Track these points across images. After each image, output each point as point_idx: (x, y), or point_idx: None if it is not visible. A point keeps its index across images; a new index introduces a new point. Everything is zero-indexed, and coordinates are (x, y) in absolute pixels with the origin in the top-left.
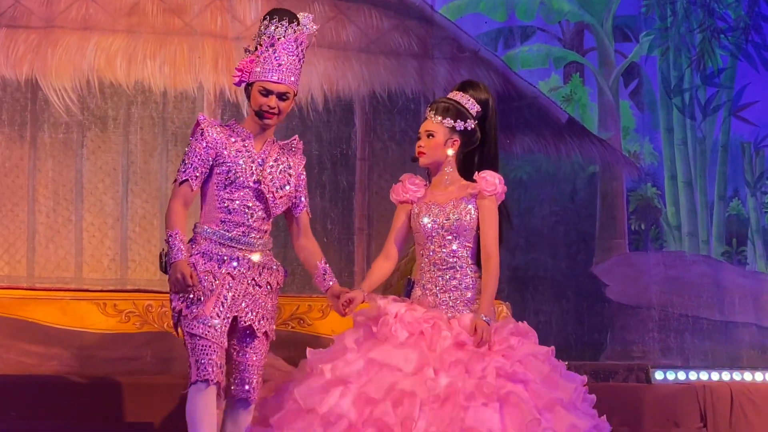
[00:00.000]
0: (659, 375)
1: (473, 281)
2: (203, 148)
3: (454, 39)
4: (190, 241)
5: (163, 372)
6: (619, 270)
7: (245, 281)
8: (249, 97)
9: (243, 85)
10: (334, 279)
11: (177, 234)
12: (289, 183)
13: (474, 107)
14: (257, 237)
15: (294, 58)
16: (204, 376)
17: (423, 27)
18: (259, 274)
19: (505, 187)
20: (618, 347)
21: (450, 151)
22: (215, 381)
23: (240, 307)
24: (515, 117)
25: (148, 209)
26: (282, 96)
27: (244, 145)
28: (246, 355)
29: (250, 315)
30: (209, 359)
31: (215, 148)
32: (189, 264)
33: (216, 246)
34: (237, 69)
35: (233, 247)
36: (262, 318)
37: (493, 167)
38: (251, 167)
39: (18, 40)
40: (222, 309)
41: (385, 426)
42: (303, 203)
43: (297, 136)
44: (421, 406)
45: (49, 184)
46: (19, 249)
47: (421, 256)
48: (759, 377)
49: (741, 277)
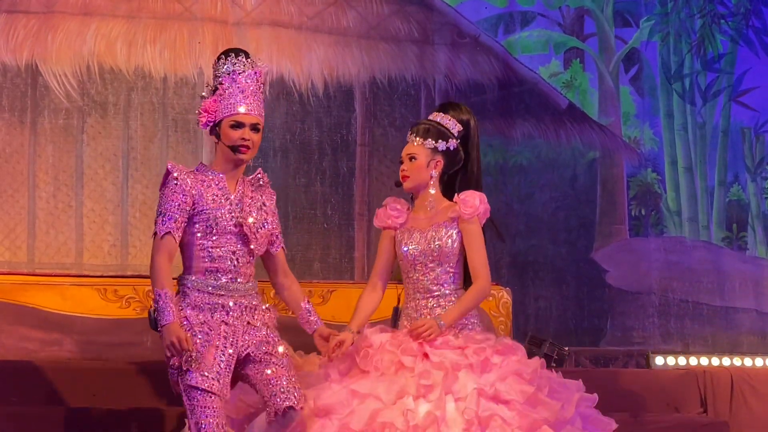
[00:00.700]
0: (659, 360)
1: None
2: (180, 197)
3: (454, 25)
4: (177, 294)
5: (164, 357)
6: (620, 255)
7: (241, 325)
8: (218, 137)
9: (209, 127)
10: (320, 319)
11: (165, 293)
12: (267, 221)
13: (455, 126)
14: (244, 281)
15: (257, 90)
16: None
17: (423, 13)
18: (253, 316)
19: (488, 206)
20: (618, 333)
21: (434, 173)
22: None
23: (245, 343)
24: (515, 103)
25: (148, 195)
26: (254, 127)
27: (219, 188)
28: (272, 370)
29: (261, 346)
30: (211, 421)
31: (192, 196)
32: (181, 325)
33: (206, 296)
34: (202, 110)
35: (222, 295)
36: (273, 341)
37: (477, 188)
38: (230, 211)
39: (18, 25)
40: (223, 356)
41: None
42: (279, 240)
43: (260, 169)
44: None
45: (50, 169)
46: (20, 234)
47: (406, 284)
48: (759, 362)
49: (741, 263)
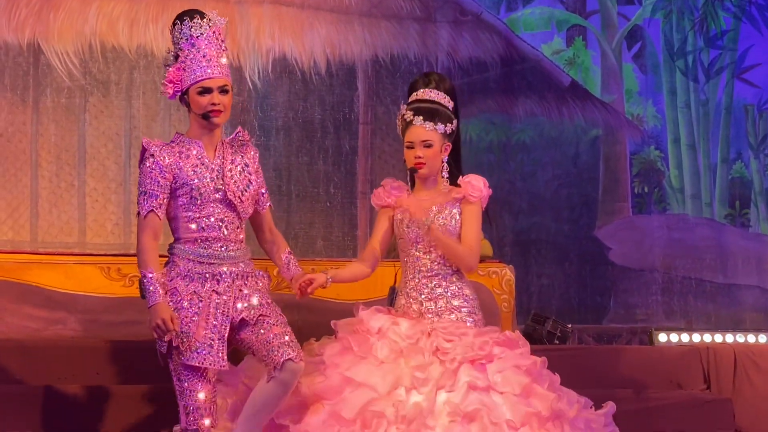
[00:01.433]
0: (662, 337)
1: (459, 288)
2: (159, 174)
3: (456, 2)
4: (167, 263)
5: None
6: (622, 233)
7: (232, 294)
8: (189, 106)
9: (177, 97)
10: (298, 268)
11: (152, 274)
12: (251, 182)
13: (450, 104)
14: (235, 248)
15: (219, 50)
16: (195, 425)
17: None
18: (245, 283)
19: (490, 191)
20: (621, 310)
21: (445, 157)
22: (209, 428)
23: (237, 311)
24: (518, 80)
25: None
26: (222, 90)
27: (197, 157)
28: (266, 329)
29: (254, 308)
30: (200, 404)
31: (170, 171)
32: (168, 306)
33: (196, 265)
34: (166, 81)
35: (212, 264)
36: (266, 303)
37: (459, 162)
38: (212, 178)
39: (20, 4)
40: (215, 328)
41: None
42: (266, 198)
43: (240, 127)
44: (388, 426)
45: (52, 149)
46: (23, 214)
47: (405, 263)
48: (762, 339)
49: (744, 240)
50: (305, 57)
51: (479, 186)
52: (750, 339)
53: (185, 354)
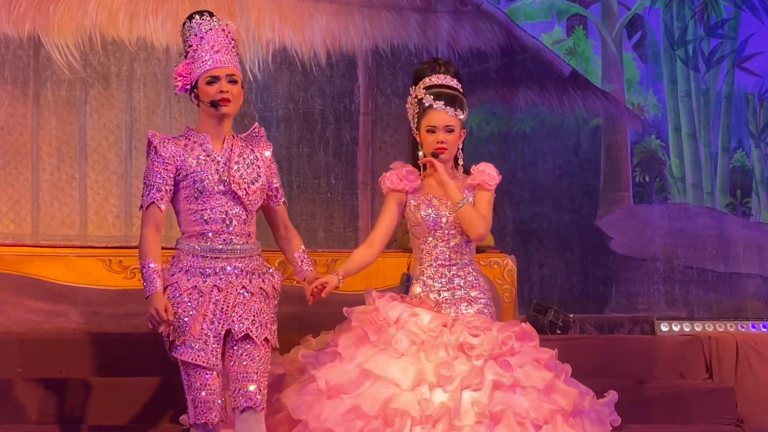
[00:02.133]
0: (664, 327)
1: (476, 279)
2: (161, 165)
3: None
4: (173, 258)
5: None
6: (624, 222)
7: (234, 290)
8: (198, 98)
9: (187, 91)
10: (311, 267)
11: (150, 265)
12: (260, 175)
13: (461, 88)
14: (241, 243)
15: (229, 46)
16: (203, 418)
17: None
18: (250, 281)
19: (500, 177)
20: (623, 300)
21: (460, 144)
22: (216, 421)
23: (232, 318)
24: (518, 70)
25: None
26: (231, 79)
27: (203, 150)
28: (244, 363)
29: (246, 323)
30: (207, 398)
31: (173, 162)
32: (164, 296)
33: (199, 260)
34: (176, 74)
35: (216, 258)
36: (260, 325)
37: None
38: (216, 170)
39: None
40: (212, 325)
41: None
42: (280, 194)
43: (257, 123)
44: (413, 426)
45: (53, 141)
46: (24, 206)
47: (421, 250)
48: (764, 328)
49: (745, 229)
50: (305, 48)
51: (493, 174)
52: (752, 328)
53: (179, 348)
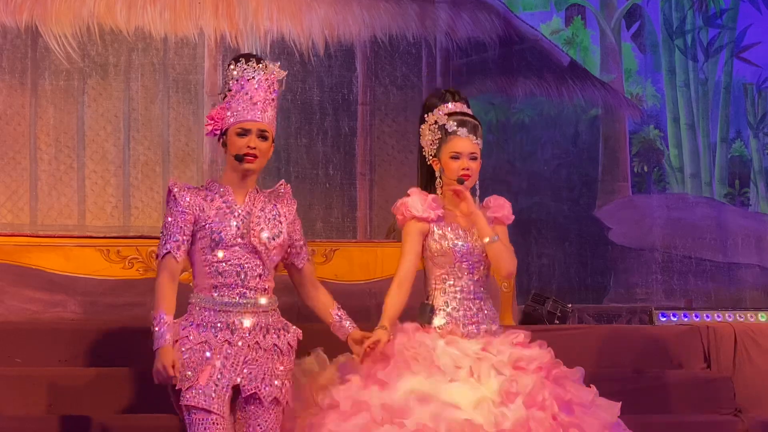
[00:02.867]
0: (663, 317)
1: (494, 313)
2: (179, 214)
3: None
4: (186, 314)
5: None
6: (622, 213)
7: (246, 346)
8: (225, 146)
9: (217, 136)
10: (352, 324)
11: (162, 317)
12: (282, 231)
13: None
14: (256, 297)
15: (267, 99)
16: None
17: None
18: (264, 336)
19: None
20: (621, 290)
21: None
22: None
23: (242, 374)
24: (517, 60)
25: (150, 156)
26: (261, 134)
27: (224, 201)
28: (257, 420)
29: (254, 382)
30: (207, 430)
31: (192, 212)
32: (173, 351)
33: (211, 314)
34: (208, 117)
35: (229, 312)
36: (269, 384)
37: None
38: (236, 223)
39: None
40: (220, 377)
41: None
42: (304, 252)
43: (283, 180)
44: None
45: (51, 131)
46: (22, 196)
47: (443, 281)
48: (762, 317)
49: (743, 219)
50: (303, 38)
51: (509, 207)
52: (750, 318)
53: (185, 395)
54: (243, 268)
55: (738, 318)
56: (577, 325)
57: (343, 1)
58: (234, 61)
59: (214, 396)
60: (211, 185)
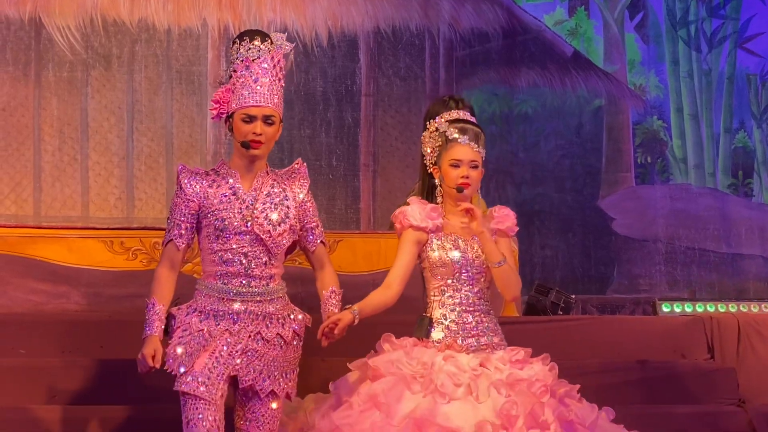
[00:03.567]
0: (666, 308)
1: (496, 325)
2: (184, 202)
3: None
4: (191, 300)
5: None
6: (626, 203)
7: (246, 336)
8: (231, 130)
9: (222, 119)
10: (336, 304)
11: (153, 304)
12: (288, 216)
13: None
14: (261, 285)
15: (273, 79)
16: None
17: None
18: (267, 326)
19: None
20: (625, 281)
21: (480, 182)
22: None
23: (241, 365)
24: (520, 51)
25: (153, 147)
26: (267, 120)
27: (230, 188)
28: (254, 414)
29: (252, 373)
30: (201, 416)
31: (197, 200)
32: (157, 341)
33: (215, 301)
34: (212, 101)
35: (233, 300)
36: (268, 376)
37: None
38: (240, 210)
39: None
40: (217, 364)
41: None
42: (316, 234)
43: (300, 159)
44: None
45: (55, 123)
46: (26, 188)
47: (442, 293)
48: (766, 308)
49: (747, 209)
50: (307, 29)
51: (513, 219)
52: (753, 308)
53: (180, 380)
54: (247, 256)
55: (741, 309)
56: (581, 316)
57: None
58: (238, 39)
59: (207, 382)
60: (221, 168)
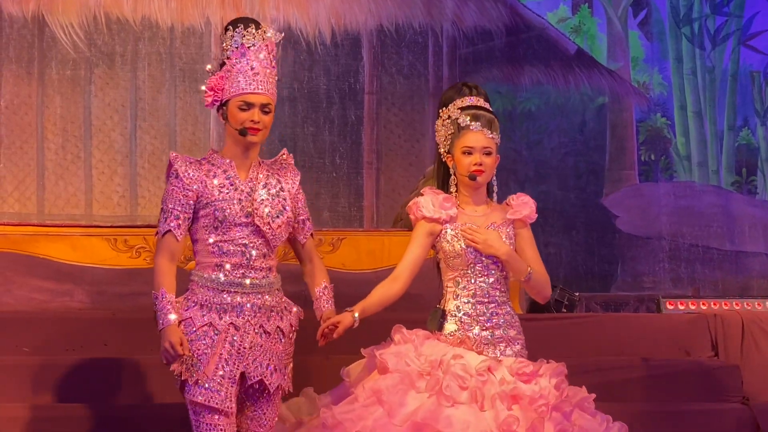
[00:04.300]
0: (670, 305)
1: (513, 317)
2: (181, 191)
3: None
4: (186, 291)
5: None
6: (629, 201)
7: (251, 330)
8: (225, 118)
9: (216, 107)
10: (330, 305)
11: (163, 295)
12: (285, 208)
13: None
14: (260, 277)
15: (268, 67)
16: None
17: None
18: (268, 319)
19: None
20: (628, 278)
21: (494, 171)
22: None
23: (248, 361)
24: (523, 49)
25: (156, 145)
26: (264, 108)
27: (227, 178)
28: (256, 412)
29: (260, 368)
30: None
31: (194, 189)
32: (179, 329)
33: (215, 294)
34: (207, 88)
35: (234, 293)
36: (274, 370)
37: None
38: (239, 201)
39: None
40: (227, 367)
41: None
42: (307, 227)
43: (285, 149)
44: None
45: (58, 121)
46: (29, 186)
47: (456, 284)
48: None
49: (751, 207)
50: (310, 27)
51: (533, 207)
52: (757, 306)
53: (191, 388)
54: (247, 247)
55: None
56: (585, 314)
57: None
58: (231, 26)
59: (221, 391)
60: (213, 157)
